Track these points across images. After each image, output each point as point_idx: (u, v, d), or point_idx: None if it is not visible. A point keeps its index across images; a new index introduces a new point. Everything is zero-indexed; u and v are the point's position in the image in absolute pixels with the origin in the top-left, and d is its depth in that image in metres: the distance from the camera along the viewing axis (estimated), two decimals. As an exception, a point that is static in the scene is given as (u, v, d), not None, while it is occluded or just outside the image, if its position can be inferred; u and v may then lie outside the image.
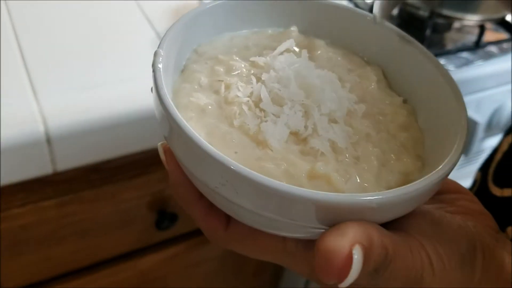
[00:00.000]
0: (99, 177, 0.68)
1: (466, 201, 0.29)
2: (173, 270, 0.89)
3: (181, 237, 0.84)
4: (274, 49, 0.32)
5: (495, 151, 0.47)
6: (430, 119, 0.31)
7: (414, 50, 0.32)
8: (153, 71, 0.27)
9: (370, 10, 0.90)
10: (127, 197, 0.73)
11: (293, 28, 0.34)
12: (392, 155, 0.29)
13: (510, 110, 0.82)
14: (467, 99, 0.86)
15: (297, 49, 0.33)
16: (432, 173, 0.24)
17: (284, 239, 0.28)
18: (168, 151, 0.28)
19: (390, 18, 0.83)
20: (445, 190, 0.30)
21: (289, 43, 0.32)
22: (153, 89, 0.26)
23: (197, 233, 0.85)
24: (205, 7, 0.31)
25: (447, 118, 0.29)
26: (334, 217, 0.23)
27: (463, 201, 0.29)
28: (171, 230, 0.80)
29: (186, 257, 0.88)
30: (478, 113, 0.82)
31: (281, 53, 0.31)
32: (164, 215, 0.77)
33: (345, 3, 0.83)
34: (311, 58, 0.32)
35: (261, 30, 0.34)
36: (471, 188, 0.50)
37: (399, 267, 0.23)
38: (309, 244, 0.26)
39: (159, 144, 0.29)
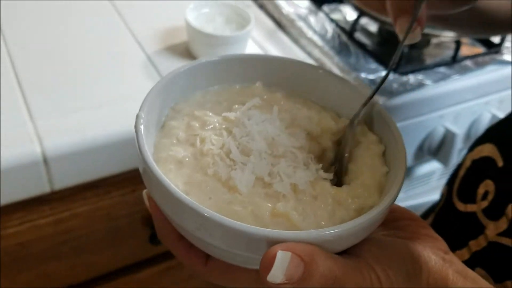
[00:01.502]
0: (94, 194, 0.70)
1: (418, 227, 0.33)
2: (169, 283, 0.90)
3: (175, 251, 0.86)
4: (243, 103, 0.36)
5: (459, 166, 0.50)
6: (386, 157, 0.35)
7: (362, 96, 0.36)
8: (135, 132, 0.31)
9: (352, 28, 0.93)
10: (122, 213, 0.75)
11: (258, 84, 0.38)
12: (360, 191, 0.32)
13: (488, 121, 0.85)
14: (445, 111, 0.88)
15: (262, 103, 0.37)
16: (374, 208, 0.29)
17: (257, 271, 0.31)
18: (151, 198, 0.32)
19: (371, 37, 0.86)
20: (400, 218, 0.34)
21: (255, 101, 0.36)
22: (136, 147, 0.30)
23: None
24: (180, 70, 0.35)
25: (394, 157, 0.33)
26: None
27: (415, 227, 0.33)
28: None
29: (180, 270, 0.90)
30: (456, 125, 0.84)
31: (249, 108, 0.35)
32: (158, 230, 0.79)
33: (330, 28, 0.86)
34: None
35: (230, 86, 0.38)
36: (438, 202, 0.53)
37: (351, 287, 0.27)
38: None
39: (143, 192, 0.33)
